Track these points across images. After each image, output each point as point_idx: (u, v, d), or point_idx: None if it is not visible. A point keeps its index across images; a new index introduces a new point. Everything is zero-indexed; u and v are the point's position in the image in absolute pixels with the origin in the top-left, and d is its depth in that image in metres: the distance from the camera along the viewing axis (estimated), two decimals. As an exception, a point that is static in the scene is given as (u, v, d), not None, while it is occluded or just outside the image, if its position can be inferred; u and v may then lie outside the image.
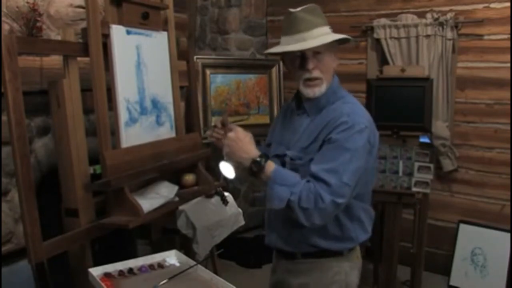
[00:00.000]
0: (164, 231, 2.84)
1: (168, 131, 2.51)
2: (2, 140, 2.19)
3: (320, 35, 1.62)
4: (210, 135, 1.82)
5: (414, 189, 3.11)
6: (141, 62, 2.31)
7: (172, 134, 2.54)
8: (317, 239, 1.70)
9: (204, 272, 1.66)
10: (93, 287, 1.64)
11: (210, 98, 3.99)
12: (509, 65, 3.40)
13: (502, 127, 3.50)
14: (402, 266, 3.30)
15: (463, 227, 3.62)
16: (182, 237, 2.92)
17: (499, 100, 3.49)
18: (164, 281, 1.58)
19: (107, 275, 1.64)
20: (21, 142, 1.75)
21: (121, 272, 1.67)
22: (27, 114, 1.81)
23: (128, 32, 2.23)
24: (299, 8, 1.64)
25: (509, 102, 3.43)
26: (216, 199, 3.06)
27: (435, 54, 3.53)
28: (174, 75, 2.57)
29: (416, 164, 3.12)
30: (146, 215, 2.08)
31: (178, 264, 1.77)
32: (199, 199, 2.92)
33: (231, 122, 1.74)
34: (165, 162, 2.31)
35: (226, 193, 3.09)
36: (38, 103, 2.25)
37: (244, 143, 1.61)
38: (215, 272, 2.66)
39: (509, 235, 3.41)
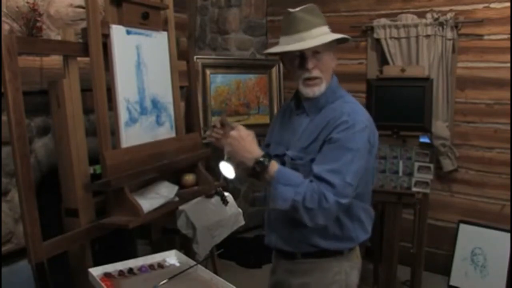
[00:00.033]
0: (164, 231, 2.84)
1: (168, 131, 2.51)
2: (2, 140, 2.19)
3: (319, 35, 1.62)
4: (209, 135, 1.82)
5: (414, 189, 3.11)
6: (141, 62, 2.31)
7: (172, 134, 2.54)
8: (317, 239, 1.69)
9: (204, 272, 1.66)
10: (93, 287, 1.64)
11: (210, 98, 3.99)
12: (509, 65, 3.39)
13: (502, 127, 3.50)
14: (402, 266, 3.30)
15: (463, 227, 3.62)
16: (182, 237, 2.92)
17: (499, 100, 3.49)
18: (164, 281, 1.58)
19: (107, 275, 1.64)
20: (21, 142, 1.75)
21: (121, 272, 1.67)
22: (27, 114, 1.81)
23: (128, 32, 2.23)
24: (298, 8, 1.64)
25: (509, 102, 3.43)
26: (216, 199, 3.06)
27: (435, 54, 3.53)
28: (174, 75, 2.57)
29: (416, 164, 3.12)
30: (146, 215, 2.08)
31: (178, 264, 1.77)
32: (199, 199, 2.92)
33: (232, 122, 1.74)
34: (165, 162, 2.31)
35: (226, 193, 3.09)
36: (38, 103, 2.25)
37: (247, 142, 1.59)
38: (215, 272, 2.66)
39: (509, 235, 3.41)
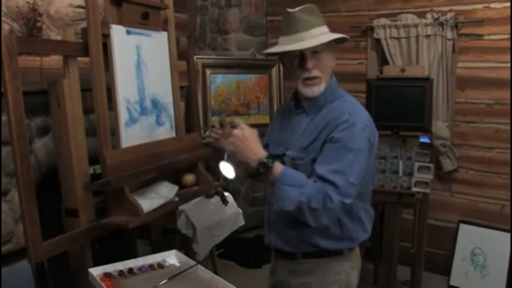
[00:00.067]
0: (164, 231, 2.84)
1: (168, 131, 2.51)
2: (2, 140, 2.19)
3: (319, 35, 1.62)
4: (208, 136, 1.82)
5: (414, 189, 3.11)
6: (141, 62, 2.31)
7: (172, 134, 2.54)
8: (318, 239, 1.69)
9: (204, 272, 1.66)
10: (93, 287, 1.64)
11: (210, 98, 3.99)
12: (509, 65, 3.39)
13: (502, 127, 3.50)
14: (402, 266, 3.30)
15: (463, 227, 3.62)
16: (182, 237, 2.92)
17: (499, 100, 3.49)
18: (164, 281, 1.58)
19: (107, 275, 1.64)
20: (21, 142, 1.75)
21: (121, 272, 1.67)
22: (27, 114, 1.81)
23: (128, 32, 2.23)
24: (297, 8, 1.65)
25: (509, 102, 3.43)
26: (216, 199, 3.06)
27: (435, 54, 3.53)
28: (174, 75, 2.57)
29: (416, 164, 3.11)
30: (146, 215, 2.08)
31: (178, 264, 1.77)
32: (199, 199, 2.92)
33: (230, 122, 1.74)
34: (165, 162, 2.31)
35: (226, 193, 3.09)
36: (38, 103, 2.25)
37: (250, 142, 1.56)
38: (215, 272, 2.66)
39: (509, 235, 3.41)
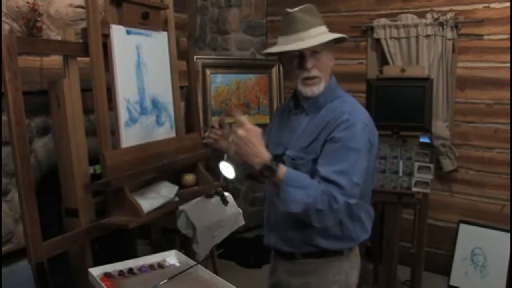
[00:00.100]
0: (164, 231, 2.84)
1: (168, 131, 2.51)
2: (2, 140, 2.18)
3: (318, 35, 1.63)
4: (207, 136, 1.81)
5: (414, 189, 3.11)
6: (141, 62, 2.31)
7: (172, 134, 2.54)
8: (318, 239, 1.69)
9: (204, 272, 1.66)
10: (93, 287, 1.64)
11: (210, 98, 3.99)
12: (509, 65, 3.39)
13: (502, 127, 3.50)
14: (402, 266, 3.30)
15: (463, 227, 3.62)
16: (182, 237, 2.92)
17: (499, 100, 3.49)
18: (164, 281, 1.58)
19: (107, 275, 1.64)
20: (21, 142, 1.75)
21: (121, 272, 1.67)
22: (27, 114, 1.81)
23: (128, 32, 2.23)
24: (296, 8, 1.65)
25: (509, 102, 3.43)
26: (216, 199, 3.06)
27: (435, 54, 3.53)
28: (174, 75, 2.57)
29: (416, 164, 3.11)
30: (146, 215, 2.08)
31: (178, 264, 1.77)
32: (199, 199, 2.92)
33: (233, 122, 1.73)
34: (165, 162, 2.31)
35: (226, 193, 3.09)
36: (38, 103, 2.25)
37: (254, 145, 1.50)
38: (215, 272, 2.66)
39: (509, 235, 3.41)
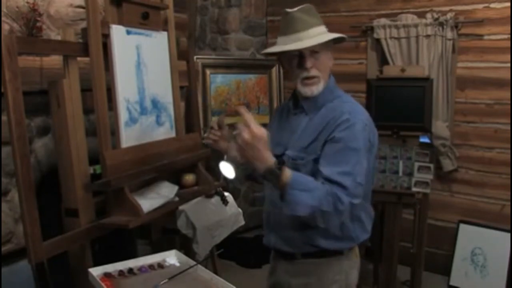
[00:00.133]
0: (164, 231, 2.84)
1: (168, 131, 2.51)
2: (2, 140, 2.18)
3: (317, 35, 1.63)
4: (206, 137, 1.81)
5: (414, 189, 3.11)
6: (141, 62, 2.31)
7: (172, 134, 2.54)
8: (318, 239, 1.69)
9: (204, 272, 1.66)
10: (93, 287, 1.64)
11: (210, 98, 3.99)
12: (509, 65, 3.39)
13: (502, 127, 3.50)
14: (402, 266, 3.30)
15: (463, 227, 3.62)
16: (182, 237, 2.92)
17: (499, 100, 3.49)
18: (164, 281, 1.58)
19: (107, 275, 1.64)
20: (21, 142, 1.75)
21: (121, 272, 1.67)
22: (27, 114, 1.81)
23: (128, 32, 2.23)
24: (296, 8, 1.65)
25: (509, 102, 3.43)
26: (216, 199, 3.06)
27: (435, 54, 3.53)
28: (174, 75, 2.57)
29: (416, 164, 3.11)
30: (146, 215, 2.08)
31: (178, 264, 1.77)
32: (199, 199, 2.92)
33: (235, 123, 1.73)
34: (165, 162, 2.31)
35: (226, 193, 3.09)
36: (38, 103, 2.25)
37: (259, 150, 1.45)
38: (215, 272, 2.66)
39: (509, 235, 3.41)
